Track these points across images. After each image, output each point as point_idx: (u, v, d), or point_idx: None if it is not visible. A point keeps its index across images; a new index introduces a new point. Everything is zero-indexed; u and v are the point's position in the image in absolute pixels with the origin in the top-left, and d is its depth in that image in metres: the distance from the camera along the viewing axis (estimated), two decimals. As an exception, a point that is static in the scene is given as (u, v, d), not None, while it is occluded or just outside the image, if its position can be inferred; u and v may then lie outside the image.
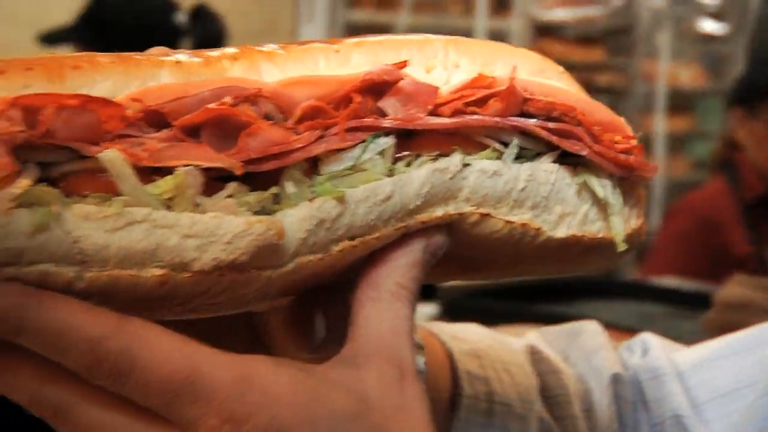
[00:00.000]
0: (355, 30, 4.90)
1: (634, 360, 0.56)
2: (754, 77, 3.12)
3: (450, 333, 0.51)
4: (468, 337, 0.51)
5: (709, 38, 6.25)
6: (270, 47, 0.36)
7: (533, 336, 0.59)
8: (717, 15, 6.12)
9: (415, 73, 0.37)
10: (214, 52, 0.35)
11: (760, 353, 0.51)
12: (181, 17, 2.54)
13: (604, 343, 0.56)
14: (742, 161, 2.78)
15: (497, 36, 4.79)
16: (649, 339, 0.57)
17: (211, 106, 0.32)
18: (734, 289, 1.71)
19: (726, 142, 3.18)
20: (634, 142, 0.40)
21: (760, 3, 5.75)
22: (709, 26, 6.12)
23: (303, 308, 0.38)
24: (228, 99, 0.32)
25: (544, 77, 0.40)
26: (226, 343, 0.34)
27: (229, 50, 0.36)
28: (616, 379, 0.53)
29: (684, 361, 0.54)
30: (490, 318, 1.01)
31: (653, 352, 0.56)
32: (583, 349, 0.55)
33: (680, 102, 6.01)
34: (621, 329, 1.30)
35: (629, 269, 3.39)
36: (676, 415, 0.52)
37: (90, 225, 0.30)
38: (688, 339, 0.75)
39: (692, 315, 1.91)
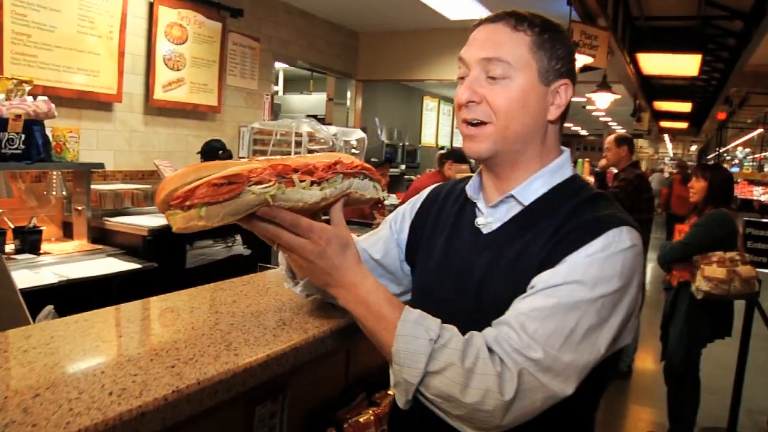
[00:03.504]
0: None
1: None
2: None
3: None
4: None
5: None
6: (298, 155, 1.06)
7: None
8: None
9: (318, 160, 1.01)
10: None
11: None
12: None
13: None
14: None
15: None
16: None
17: (294, 166, 0.96)
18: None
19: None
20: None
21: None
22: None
23: (320, 215, 1.05)
24: (292, 165, 0.95)
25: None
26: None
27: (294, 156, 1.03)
28: None
29: None
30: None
31: None
32: None
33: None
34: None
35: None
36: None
37: (284, 194, 0.91)
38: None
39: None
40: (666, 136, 22.20)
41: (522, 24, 1.03)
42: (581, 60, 4.96)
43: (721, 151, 20.21)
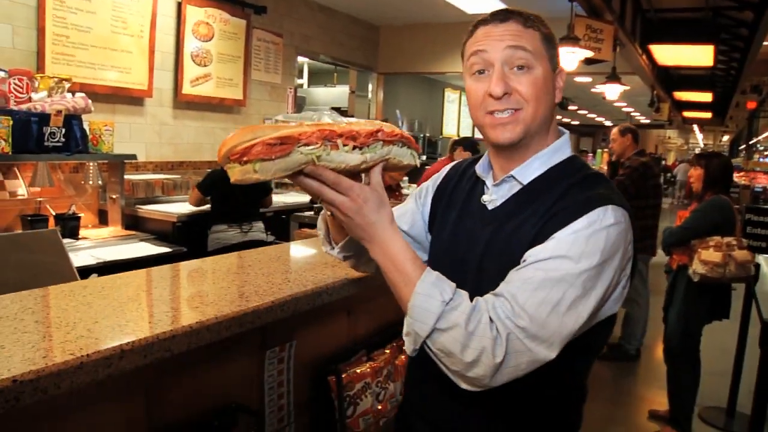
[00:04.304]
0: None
1: None
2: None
3: None
4: None
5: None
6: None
7: None
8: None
9: (361, 127, 1.07)
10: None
11: None
12: None
13: None
14: None
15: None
16: None
17: (339, 131, 1.03)
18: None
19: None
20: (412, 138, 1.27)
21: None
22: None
23: (361, 177, 1.09)
24: (338, 131, 1.03)
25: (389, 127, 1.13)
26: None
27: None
28: None
29: None
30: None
31: None
32: None
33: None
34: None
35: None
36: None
37: (329, 156, 1.01)
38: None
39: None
40: (695, 127, 21.97)
41: (529, 22, 1.14)
42: (583, 53, 5.11)
43: (753, 141, 19.85)
